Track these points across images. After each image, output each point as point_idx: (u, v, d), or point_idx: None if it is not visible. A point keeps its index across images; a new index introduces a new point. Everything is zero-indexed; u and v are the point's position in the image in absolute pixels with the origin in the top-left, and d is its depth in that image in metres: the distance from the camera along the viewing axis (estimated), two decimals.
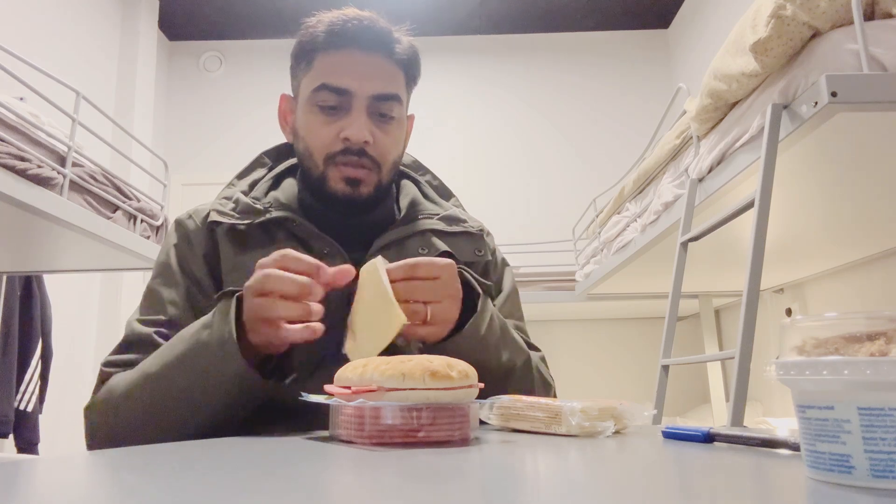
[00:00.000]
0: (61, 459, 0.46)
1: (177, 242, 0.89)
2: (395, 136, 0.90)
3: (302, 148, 0.90)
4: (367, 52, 0.86)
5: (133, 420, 0.73)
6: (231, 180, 0.97)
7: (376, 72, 0.87)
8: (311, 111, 0.87)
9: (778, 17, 1.23)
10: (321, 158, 0.87)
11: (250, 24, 4.77)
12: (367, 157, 0.86)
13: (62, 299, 3.29)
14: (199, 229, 0.89)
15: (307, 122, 0.88)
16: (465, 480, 0.38)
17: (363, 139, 0.84)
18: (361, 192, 0.87)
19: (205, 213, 0.90)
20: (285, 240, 0.87)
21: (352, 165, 0.86)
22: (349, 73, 0.85)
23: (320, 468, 0.42)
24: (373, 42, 0.87)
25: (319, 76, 0.86)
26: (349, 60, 0.86)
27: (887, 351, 0.33)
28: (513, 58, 4.96)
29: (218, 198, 0.93)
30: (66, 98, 2.18)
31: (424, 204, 0.98)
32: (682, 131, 2.01)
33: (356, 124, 0.84)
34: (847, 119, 1.26)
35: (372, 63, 0.87)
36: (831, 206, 1.92)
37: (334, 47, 0.86)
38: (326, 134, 0.86)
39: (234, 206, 0.89)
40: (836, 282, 2.81)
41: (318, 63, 0.87)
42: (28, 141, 1.84)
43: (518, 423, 0.63)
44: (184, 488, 0.33)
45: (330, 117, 0.86)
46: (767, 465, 0.42)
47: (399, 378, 0.54)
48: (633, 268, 2.72)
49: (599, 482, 0.38)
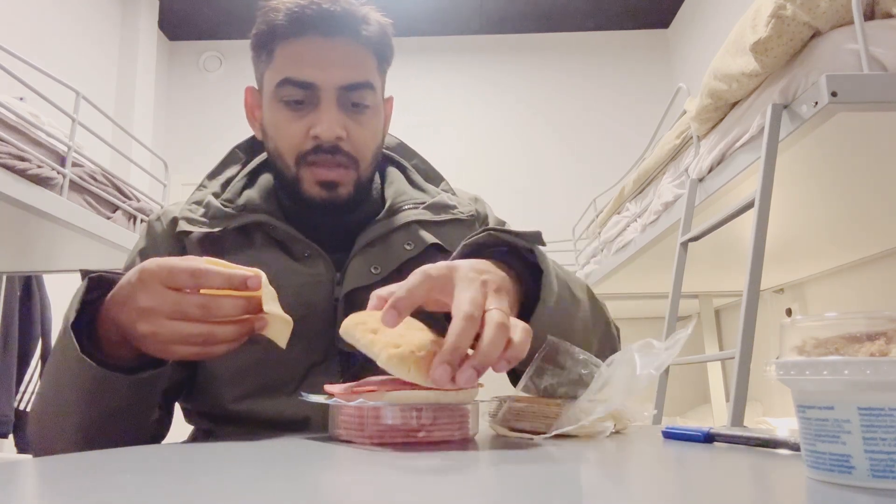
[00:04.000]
0: (61, 459, 0.45)
1: (143, 247, 0.83)
2: (372, 126, 0.82)
3: (272, 148, 0.82)
4: (330, 38, 0.78)
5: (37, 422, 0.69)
6: (202, 181, 0.89)
7: (342, 59, 0.78)
8: (277, 107, 0.79)
9: (778, 17, 1.23)
10: (292, 159, 0.79)
11: (250, 24, 4.71)
12: (342, 153, 0.79)
13: (62, 299, 3.28)
14: (165, 234, 0.83)
15: (274, 119, 0.80)
16: (465, 480, 0.38)
17: (335, 135, 0.77)
18: (340, 193, 0.80)
19: (172, 217, 0.84)
20: (264, 243, 0.81)
21: (326, 166, 0.79)
22: (313, 64, 0.77)
23: (320, 468, 0.42)
24: (336, 26, 0.78)
25: (281, 69, 0.78)
26: (311, 49, 0.78)
27: (887, 351, 0.32)
28: (513, 58, 4.97)
29: (188, 202, 0.85)
30: (66, 98, 2.18)
31: (409, 192, 0.90)
32: (682, 131, 2.01)
33: (326, 120, 0.77)
34: (847, 119, 1.26)
35: (337, 49, 0.78)
36: (831, 206, 1.92)
37: (294, 35, 0.78)
38: (295, 132, 0.78)
39: (205, 212, 0.82)
40: (836, 282, 2.81)
41: (279, 53, 0.79)
42: (28, 141, 1.84)
43: (518, 423, 0.63)
44: (184, 488, 0.33)
45: (297, 113, 0.78)
46: (767, 465, 0.42)
47: (404, 368, 0.49)
48: (633, 268, 2.72)
49: (599, 482, 0.38)
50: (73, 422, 0.65)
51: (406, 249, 0.82)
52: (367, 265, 0.80)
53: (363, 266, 0.80)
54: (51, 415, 0.67)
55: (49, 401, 0.67)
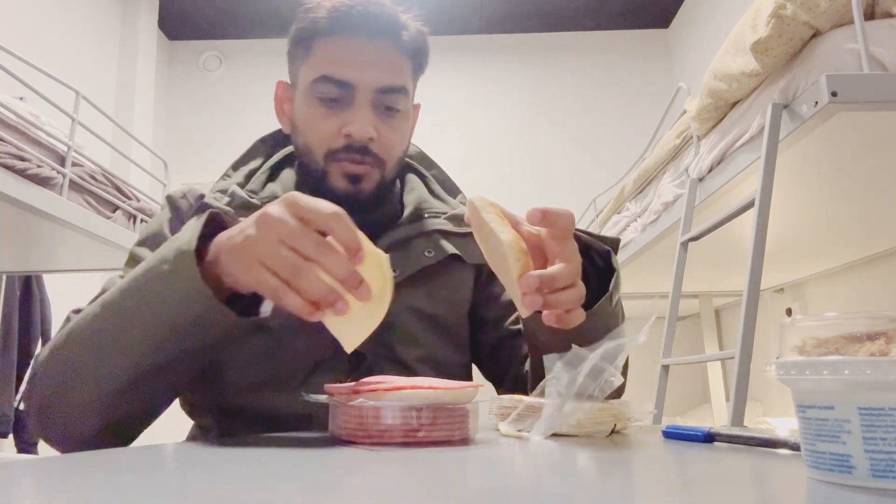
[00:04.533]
0: (61, 459, 0.45)
1: (171, 217, 0.83)
2: (401, 130, 0.83)
3: (301, 143, 0.83)
4: (371, 40, 0.79)
5: (67, 358, 0.64)
6: (226, 171, 0.90)
7: (382, 62, 0.80)
8: (311, 103, 0.80)
9: (778, 16, 1.23)
10: (321, 154, 0.81)
11: (250, 24, 4.77)
12: (370, 154, 0.80)
13: (62, 299, 3.28)
14: (191, 211, 0.83)
15: (306, 114, 0.81)
16: (465, 480, 0.38)
17: (367, 136, 0.78)
18: (363, 188, 0.81)
19: (198, 195, 0.84)
20: None
21: (354, 162, 0.80)
22: (352, 64, 0.78)
23: (320, 468, 0.42)
24: (379, 28, 0.79)
25: (320, 65, 0.79)
26: (352, 49, 0.79)
27: (887, 351, 0.32)
28: (513, 58, 4.97)
29: (212, 190, 0.86)
30: (65, 98, 2.18)
31: (431, 201, 0.92)
32: (683, 131, 2.01)
33: (360, 120, 0.78)
34: (847, 119, 1.26)
35: (377, 52, 0.79)
36: (831, 206, 1.92)
37: (336, 33, 0.79)
38: (327, 128, 0.79)
39: (230, 201, 0.83)
40: (836, 282, 2.81)
41: (319, 50, 0.79)
42: (28, 141, 1.84)
43: (519, 423, 0.63)
44: (184, 488, 0.33)
45: (331, 110, 0.79)
46: (767, 465, 0.42)
47: (516, 259, 0.56)
48: (633, 268, 2.72)
49: (600, 482, 0.38)
50: (118, 370, 0.61)
51: (427, 256, 0.84)
52: None
53: None
54: (85, 366, 0.62)
55: (89, 347, 0.62)
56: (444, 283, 0.87)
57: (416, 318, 0.83)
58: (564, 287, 0.59)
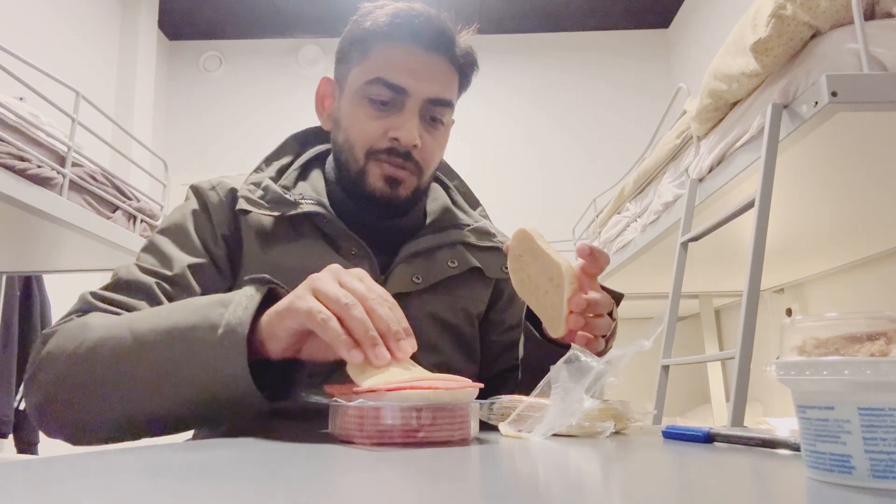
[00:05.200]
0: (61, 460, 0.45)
1: (196, 209, 0.82)
2: (442, 142, 0.86)
3: (342, 139, 0.84)
4: (428, 51, 0.81)
5: (88, 375, 0.62)
6: (259, 164, 0.90)
7: (435, 74, 0.82)
8: (360, 103, 0.81)
9: (778, 16, 1.23)
10: (363, 152, 0.82)
11: (250, 24, 4.77)
12: (412, 160, 0.82)
13: (62, 299, 3.28)
14: (222, 205, 0.83)
15: (354, 113, 0.82)
16: (465, 480, 0.38)
17: (413, 142, 0.80)
18: (400, 193, 0.83)
19: (229, 189, 0.84)
20: (312, 236, 0.82)
21: (395, 166, 0.81)
22: (408, 71, 0.80)
23: (320, 468, 0.42)
24: (436, 41, 0.81)
25: (375, 68, 0.80)
26: (409, 57, 0.80)
27: (887, 351, 0.32)
28: (513, 57, 4.97)
29: (246, 182, 0.85)
30: (65, 98, 2.18)
31: (455, 212, 0.94)
32: (683, 131, 2.01)
33: (408, 126, 0.80)
34: (847, 119, 1.26)
35: (432, 63, 0.82)
36: (831, 206, 1.92)
37: (396, 40, 0.80)
38: (373, 129, 0.81)
39: (264, 195, 0.83)
40: (836, 282, 2.81)
41: (376, 54, 0.81)
42: (28, 141, 1.84)
43: (519, 423, 0.63)
44: (184, 488, 0.33)
45: (380, 112, 0.81)
46: (767, 465, 0.42)
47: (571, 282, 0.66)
48: (633, 268, 2.72)
49: (600, 482, 0.38)
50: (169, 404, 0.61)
51: (450, 266, 0.87)
52: (410, 273, 0.84)
53: (407, 274, 0.84)
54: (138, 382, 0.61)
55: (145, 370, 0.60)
56: (463, 295, 0.89)
57: (436, 326, 0.85)
58: (600, 315, 0.68)
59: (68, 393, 0.63)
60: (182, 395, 0.60)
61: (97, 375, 0.62)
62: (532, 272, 0.70)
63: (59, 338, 0.65)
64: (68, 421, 0.64)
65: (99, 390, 0.62)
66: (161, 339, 0.60)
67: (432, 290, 0.85)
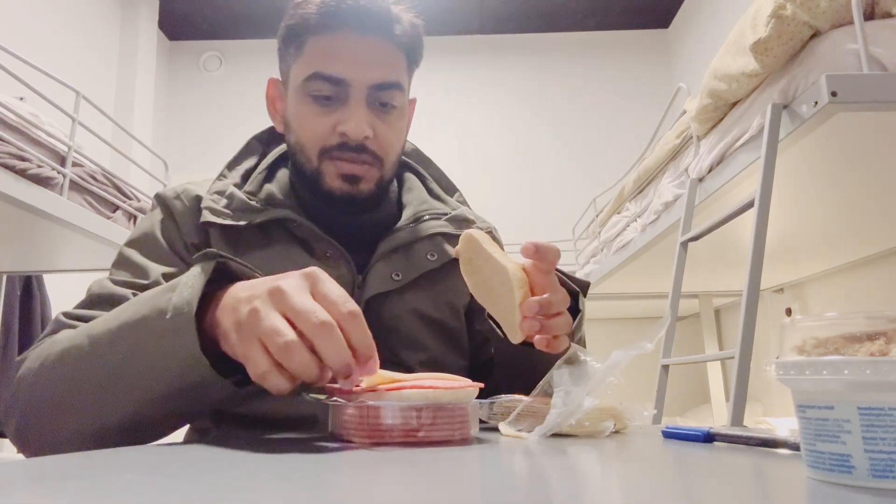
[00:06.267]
0: (60, 460, 0.45)
1: (163, 219, 0.79)
2: (398, 127, 0.81)
3: (293, 141, 0.81)
4: (364, 35, 0.76)
5: (54, 390, 0.59)
6: (221, 170, 0.86)
7: (375, 57, 0.77)
8: (303, 101, 0.78)
9: (778, 16, 1.24)
10: (315, 153, 0.78)
11: (250, 24, 4.77)
12: (367, 152, 0.78)
13: (62, 299, 3.28)
14: (189, 212, 0.80)
15: (299, 113, 0.79)
16: (464, 480, 0.38)
17: (363, 134, 0.76)
18: (361, 189, 0.79)
19: (194, 196, 0.81)
20: (284, 240, 0.79)
21: (350, 161, 0.77)
22: (344, 60, 0.76)
23: (320, 468, 0.42)
24: (370, 23, 0.77)
25: (311, 63, 0.77)
26: (344, 45, 0.76)
27: (887, 351, 0.32)
28: (513, 58, 4.97)
29: (209, 191, 0.82)
30: (66, 98, 2.18)
31: (430, 202, 0.90)
32: (682, 131, 2.01)
33: (355, 118, 0.76)
34: (847, 119, 1.26)
35: (370, 47, 0.77)
36: (831, 205, 1.92)
37: (327, 29, 0.76)
38: (321, 127, 0.77)
39: (228, 203, 0.80)
40: (835, 281, 2.81)
41: (310, 47, 0.77)
42: (28, 141, 1.84)
43: (519, 423, 0.63)
44: (183, 487, 0.33)
45: (324, 108, 0.77)
46: (767, 465, 0.42)
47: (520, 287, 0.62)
48: (633, 268, 2.72)
49: (599, 482, 0.38)
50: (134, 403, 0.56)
51: (429, 260, 0.84)
52: (389, 271, 0.81)
53: (385, 272, 0.81)
54: (96, 388, 0.57)
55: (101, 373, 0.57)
56: (446, 287, 0.86)
57: (420, 322, 0.83)
58: (557, 314, 0.63)
59: (39, 413, 0.60)
60: (144, 391, 0.56)
61: (62, 389, 0.59)
62: (485, 276, 0.67)
63: (28, 361, 0.63)
64: (45, 442, 0.61)
65: (67, 402, 0.58)
66: (115, 337, 0.57)
67: (414, 286, 0.82)
